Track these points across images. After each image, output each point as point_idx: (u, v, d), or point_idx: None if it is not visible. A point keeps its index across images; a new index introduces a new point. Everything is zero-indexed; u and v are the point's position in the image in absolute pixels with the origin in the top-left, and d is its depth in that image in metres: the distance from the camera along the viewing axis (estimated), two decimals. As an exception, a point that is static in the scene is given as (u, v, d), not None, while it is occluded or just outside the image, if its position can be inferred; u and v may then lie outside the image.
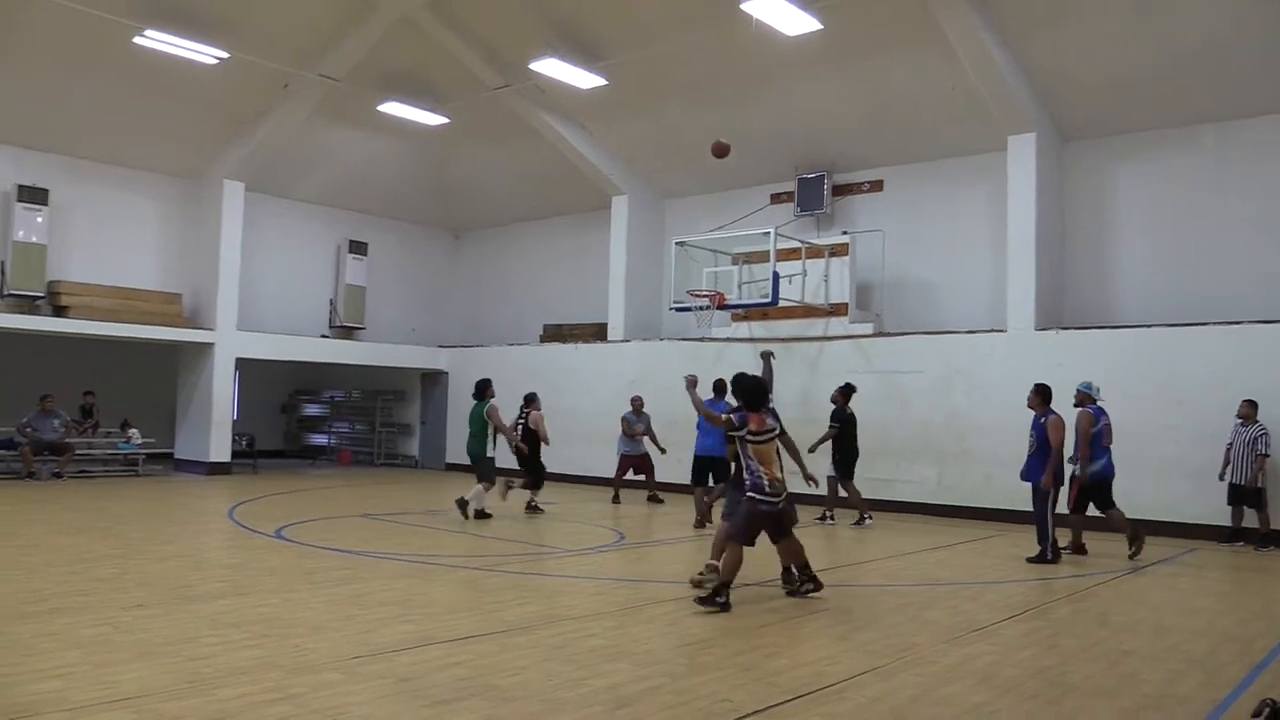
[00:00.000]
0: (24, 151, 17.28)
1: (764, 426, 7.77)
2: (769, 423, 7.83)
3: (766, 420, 7.82)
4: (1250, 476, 11.57)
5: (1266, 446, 11.56)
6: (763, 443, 7.72)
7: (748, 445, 7.71)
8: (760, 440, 7.71)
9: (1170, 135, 14.31)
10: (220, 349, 18.70)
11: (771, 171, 17.82)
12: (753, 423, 7.75)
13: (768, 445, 7.75)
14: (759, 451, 7.70)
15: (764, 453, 7.71)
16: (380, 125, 18.99)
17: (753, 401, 7.85)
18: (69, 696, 4.76)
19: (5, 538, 10.19)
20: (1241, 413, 11.77)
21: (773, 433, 7.83)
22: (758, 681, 5.44)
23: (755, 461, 7.67)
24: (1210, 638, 6.94)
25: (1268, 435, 11.59)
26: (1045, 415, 10.36)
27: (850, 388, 13.72)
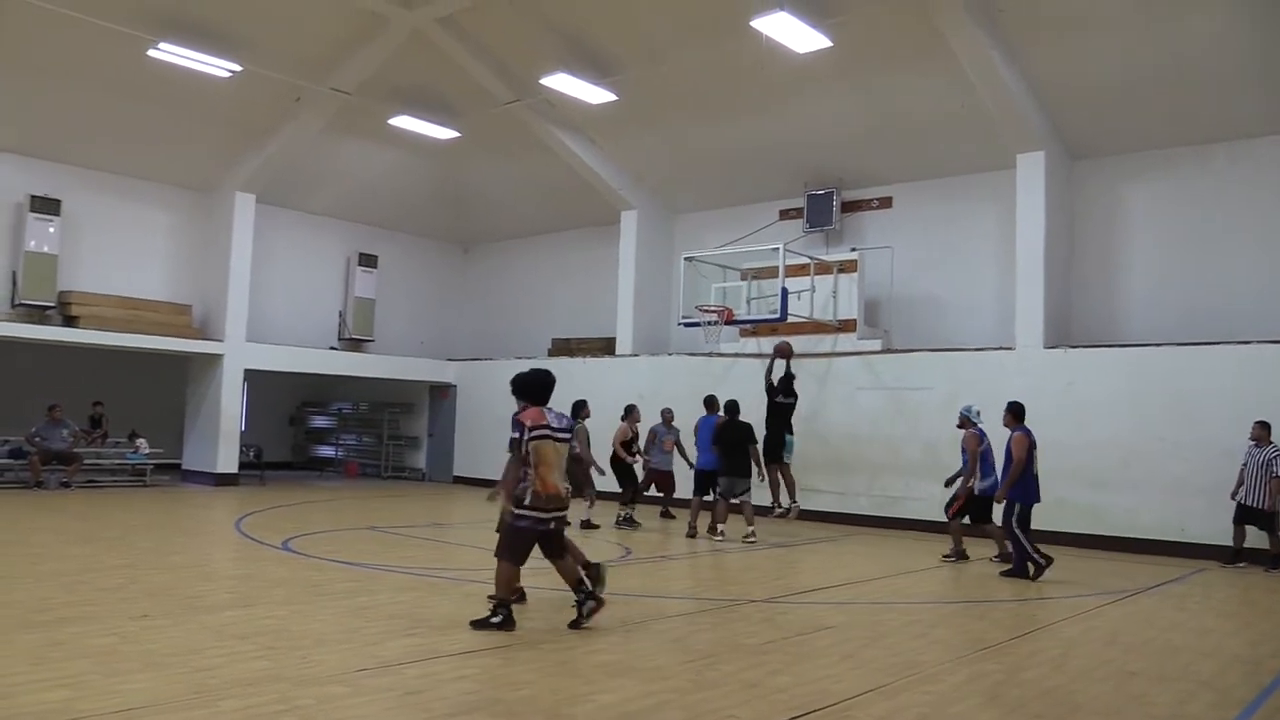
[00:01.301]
0: (37, 162, 17.41)
1: (542, 422, 6.98)
2: (551, 420, 7.04)
3: (548, 418, 7.05)
4: (1266, 500, 11.44)
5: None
6: (539, 438, 6.92)
7: (525, 446, 6.91)
8: (542, 436, 6.93)
9: (1180, 154, 14.32)
10: (229, 360, 18.77)
11: (780, 187, 17.86)
12: (527, 417, 7.01)
13: (546, 445, 6.94)
14: (537, 450, 6.89)
15: (543, 453, 6.91)
16: (391, 139, 19.09)
17: (532, 395, 7.20)
18: (76, 706, 4.77)
19: (13, 546, 10.21)
20: (1254, 434, 11.69)
21: (553, 430, 7.01)
22: (762, 699, 5.42)
23: (532, 467, 6.88)
24: (1219, 659, 6.90)
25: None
26: (1013, 432, 10.43)
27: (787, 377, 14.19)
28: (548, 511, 6.94)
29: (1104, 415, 13.39)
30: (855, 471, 15.42)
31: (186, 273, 19.43)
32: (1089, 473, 13.42)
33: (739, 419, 13.12)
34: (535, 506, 6.89)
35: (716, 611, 8.09)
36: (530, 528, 6.92)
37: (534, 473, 6.87)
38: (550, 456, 6.93)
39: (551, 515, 6.98)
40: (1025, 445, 10.20)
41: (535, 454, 6.89)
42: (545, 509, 6.92)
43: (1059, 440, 13.60)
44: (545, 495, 6.89)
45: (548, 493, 6.89)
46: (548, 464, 6.91)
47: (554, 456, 6.96)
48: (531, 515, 6.90)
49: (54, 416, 17.15)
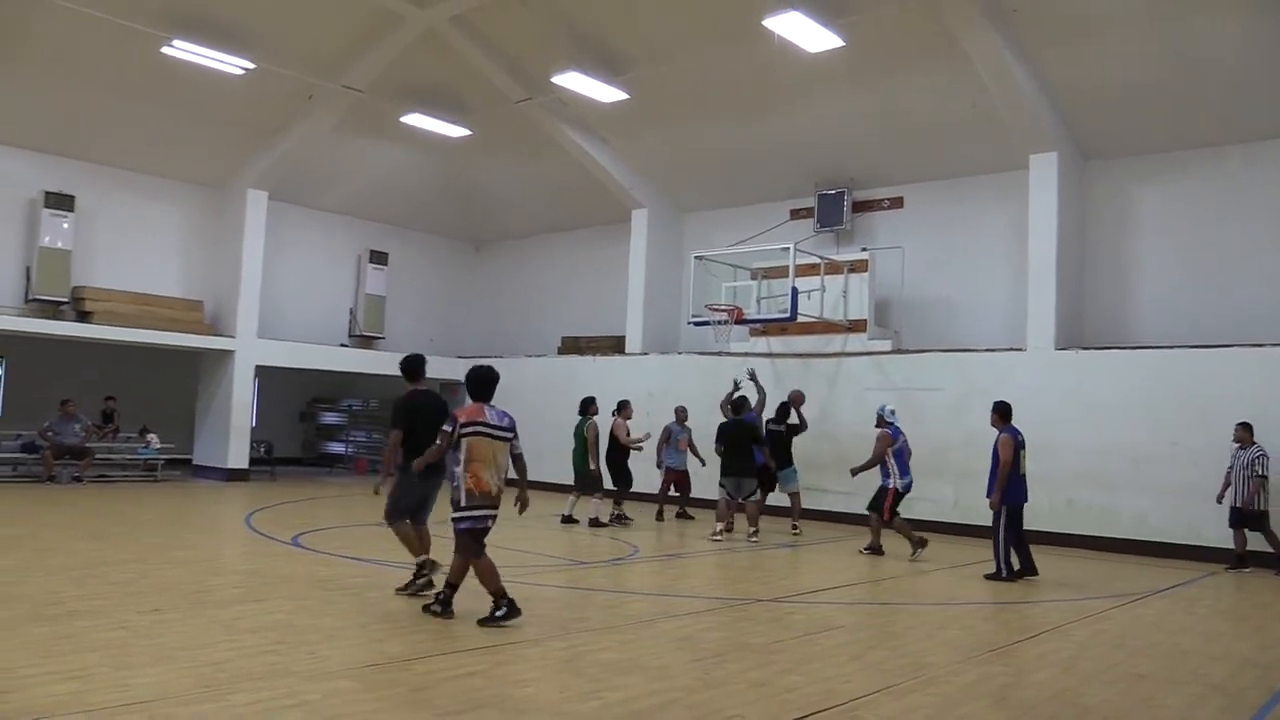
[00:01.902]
0: (51, 158, 17.49)
1: (477, 418, 6.92)
2: (489, 417, 6.97)
3: (486, 414, 6.98)
4: (1247, 498, 11.51)
5: (1265, 468, 11.48)
6: (472, 435, 6.86)
7: (461, 442, 6.86)
8: (471, 433, 6.86)
9: (1193, 155, 14.24)
10: (240, 356, 18.84)
11: (791, 187, 17.84)
12: (463, 413, 6.95)
13: (480, 442, 6.87)
14: (470, 446, 6.84)
15: (476, 449, 6.85)
16: (403, 137, 19.12)
17: (474, 391, 7.13)
18: (86, 699, 4.80)
19: (25, 540, 10.27)
20: (1237, 436, 11.76)
21: (488, 427, 6.93)
22: (770, 698, 5.42)
23: (465, 464, 6.84)
24: (1230, 662, 6.86)
25: (1266, 457, 11.52)
26: (1000, 433, 10.34)
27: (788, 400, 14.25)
28: (484, 509, 6.90)
29: (1115, 417, 13.33)
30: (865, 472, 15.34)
31: (198, 269, 19.51)
32: (1099, 475, 13.37)
33: (743, 419, 13.19)
34: (471, 505, 6.85)
35: (724, 611, 8.09)
36: (474, 526, 6.91)
37: (466, 470, 6.84)
38: (483, 453, 6.88)
39: (489, 513, 6.95)
40: (1012, 447, 10.12)
41: (468, 450, 6.85)
42: (480, 506, 6.88)
43: (1069, 442, 13.59)
44: (479, 493, 6.85)
45: (481, 490, 6.85)
46: (480, 460, 6.86)
47: (487, 453, 6.90)
48: (470, 515, 6.87)
49: (66, 411, 17.24)
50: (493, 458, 6.92)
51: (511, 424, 7.15)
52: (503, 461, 7.02)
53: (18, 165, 17.15)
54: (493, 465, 6.91)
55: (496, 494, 6.96)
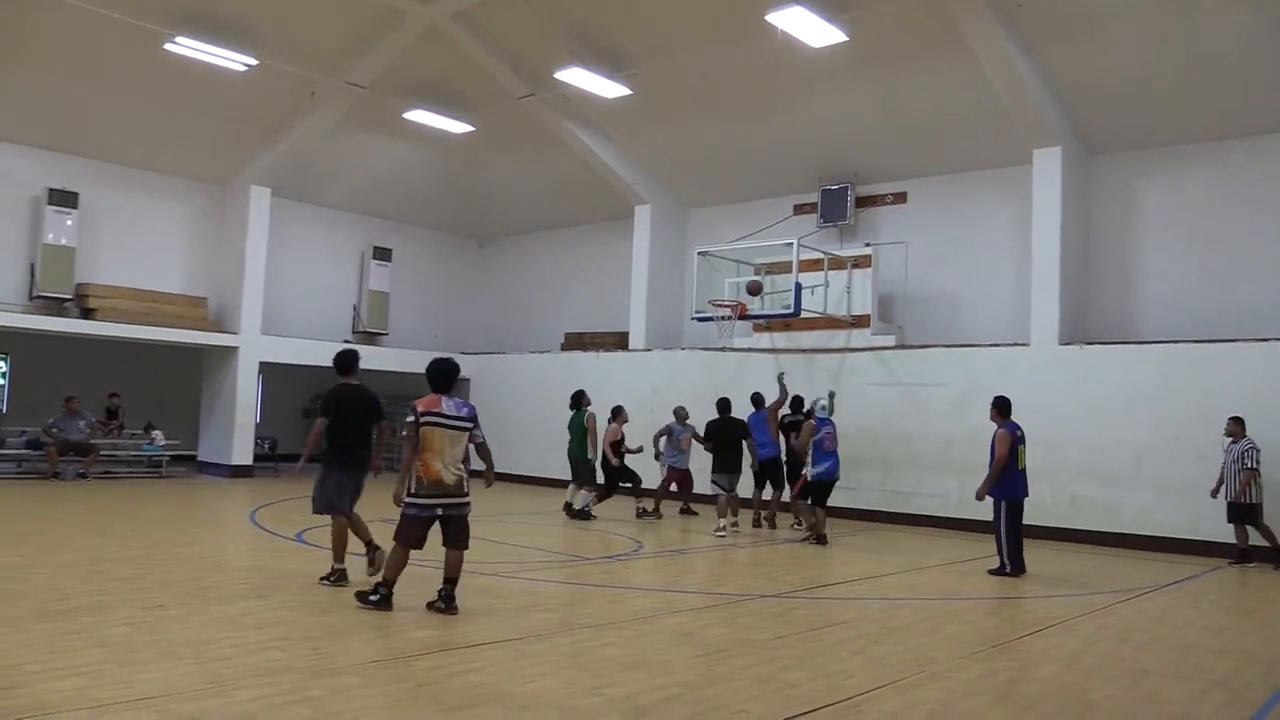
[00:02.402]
0: (55, 155, 17.50)
1: (434, 408, 7.04)
2: (447, 407, 7.09)
3: (443, 404, 7.09)
4: (1238, 492, 11.51)
5: (1255, 461, 11.48)
6: (427, 425, 6.97)
7: (416, 432, 6.98)
8: (429, 423, 6.98)
9: (1197, 149, 14.20)
10: (244, 352, 18.86)
11: (795, 182, 17.82)
12: (421, 404, 7.06)
13: (434, 432, 6.99)
14: (424, 436, 6.96)
15: (430, 439, 6.97)
16: (406, 133, 19.12)
17: (433, 383, 7.25)
18: (91, 695, 4.81)
19: (30, 537, 10.30)
20: (1229, 430, 11.74)
21: (445, 418, 7.04)
22: (774, 693, 5.42)
23: (420, 454, 6.96)
24: (1234, 657, 6.86)
25: (1256, 450, 11.53)
26: (998, 428, 10.38)
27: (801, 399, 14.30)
28: (432, 498, 7.00)
29: (1119, 413, 13.32)
30: (867, 467, 15.37)
31: (202, 266, 19.53)
32: (1103, 470, 13.36)
33: (732, 416, 13.56)
34: (419, 494, 6.99)
35: (727, 606, 8.09)
36: (417, 515, 7.02)
37: (420, 458, 6.98)
38: (436, 443, 7.00)
39: (438, 502, 7.03)
40: (1008, 442, 10.13)
41: (423, 440, 6.99)
42: (429, 495, 6.99)
43: (1073, 437, 13.58)
44: (427, 482, 6.97)
45: (429, 479, 6.97)
46: (432, 450, 6.98)
47: (440, 443, 7.01)
48: (417, 503, 6.99)
49: (71, 408, 17.27)
50: (446, 448, 7.04)
51: (471, 414, 7.27)
52: (458, 451, 7.14)
53: (21, 162, 17.17)
54: (445, 455, 7.03)
55: (452, 483, 7.06)
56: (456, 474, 7.10)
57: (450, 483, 7.05)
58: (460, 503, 7.16)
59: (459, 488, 7.12)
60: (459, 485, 7.12)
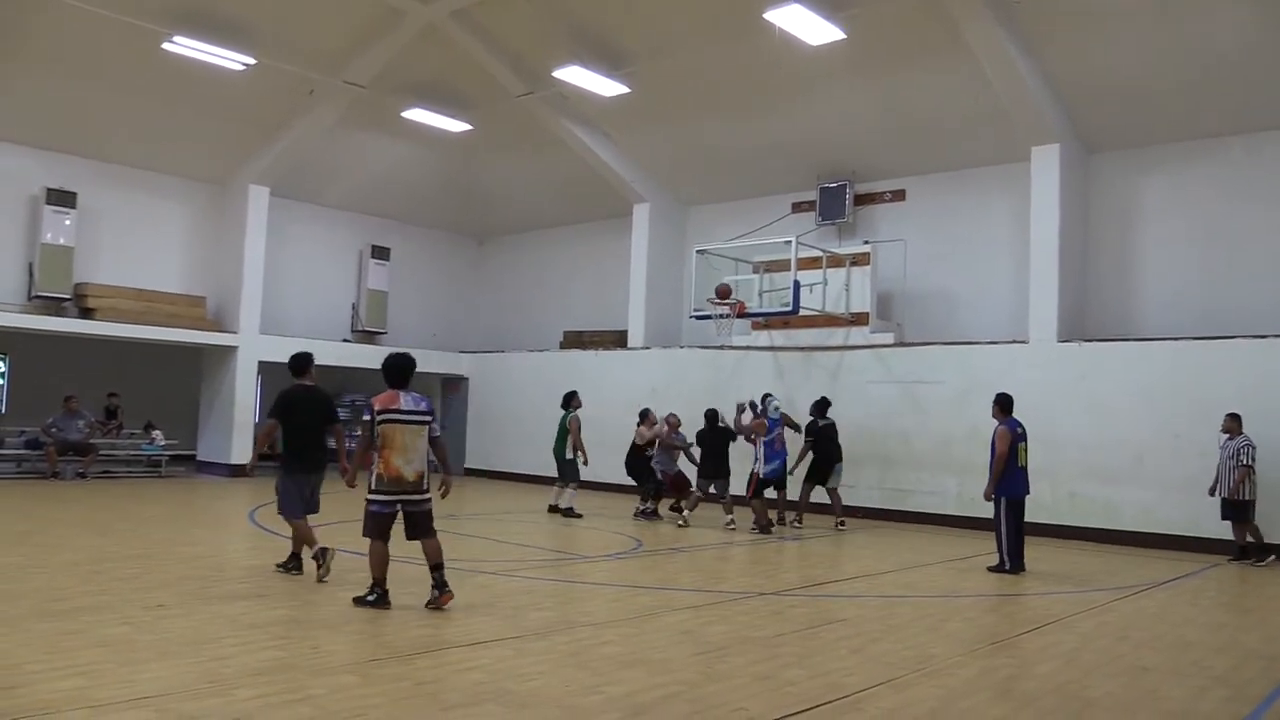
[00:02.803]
0: (53, 155, 17.49)
1: (392, 405, 7.13)
2: (404, 403, 7.16)
3: (401, 400, 7.17)
4: (1233, 488, 11.49)
5: (1250, 458, 11.46)
6: (386, 422, 7.06)
7: (373, 430, 7.08)
8: (387, 419, 7.07)
9: (1196, 147, 14.20)
10: (243, 352, 18.86)
11: (793, 180, 17.81)
12: (379, 401, 7.16)
13: (393, 428, 7.06)
14: (383, 433, 7.05)
15: (389, 435, 7.05)
16: (404, 132, 19.11)
17: (390, 379, 7.29)
18: (91, 694, 4.81)
19: (30, 536, 10.30)
20: (1225, 426, 11.74)
21: (403, 414, 7.13)
22: (773, 691, 5.43)
23: (380, 450, 7.06)
24: (1233, 654, 6.86)
25: (1252, 448, 11.50)
26: (998, 425, 10.39)
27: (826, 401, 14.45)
28: (392, 494, 7.08)
29: (1118, 410, 13.32)
30: (866, 465, 15.39)
31: (201, 265, 19.52)
32: (1102, 468, 13.36)
33: (719, 425, 13.88)
34: (379, 490, 7.08)
35: (726, 604, 8.10)
36: (380, 510, 7.12)
37: (380, 455, 7.06)
38: (396, 440, 7.07)
39: (398, 498, 7.11)
40: (1008, 439, 10.13)
41: (382, 437, 7.08)
42: (389, 491, 7.07)
43: (1072, 435, 13.59)
44: (388, 478, 7.06)
45: (389, 475, 7.05)
46: (391, 447, 7.06)
47: (400, 439, 7.08)
48: (378, 499, 7.09)
49: (70, 408, 17.26)
50: (406, 444, 7.11)
51: (429, 408, 7.36)
52: (420, 446, 7.20)
53: (20, 162, 17.16)
54: (406, 451, 7.09)
55: (414, 479, 7.14)
56: (417, 471, 7.17)
57: (410, 479, 7.13)
58: (420, 499, 7.23)
59: (419, 484, 7.19)
60: (419, 482, 7.19)
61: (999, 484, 10.17)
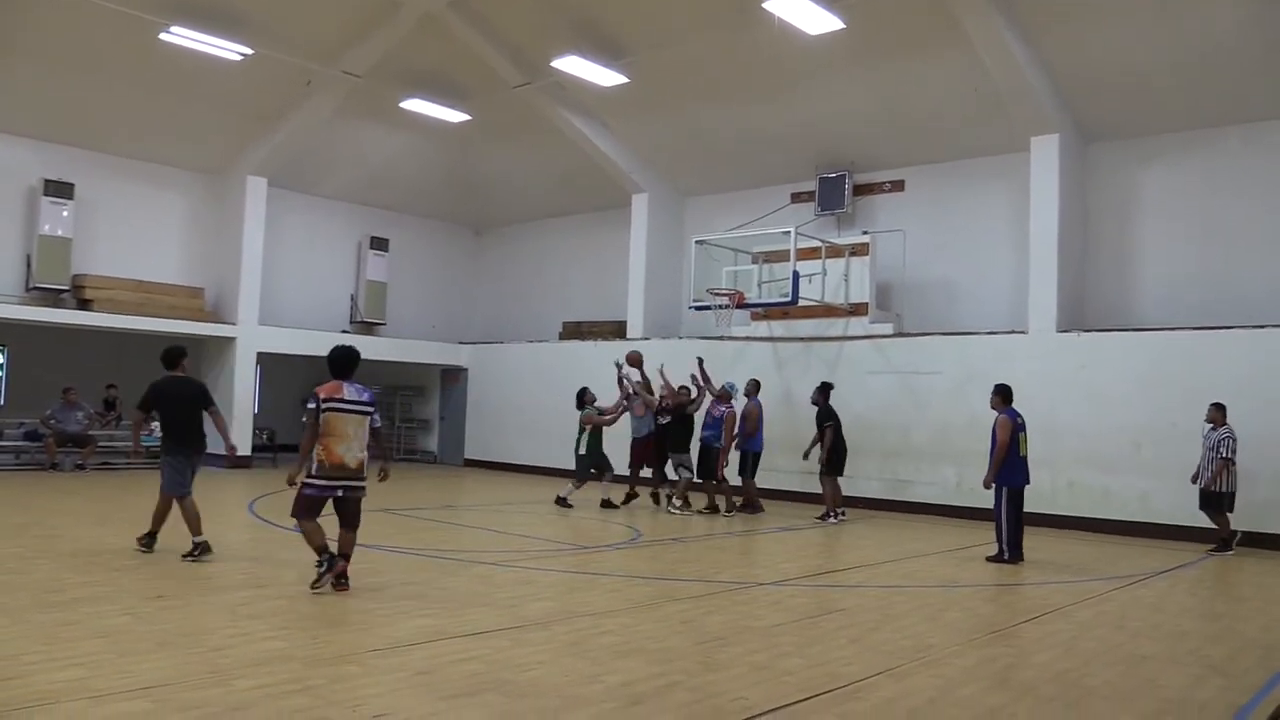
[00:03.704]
0: (50, 146, 17.45)
1: (336, 394, 7.36)
2: (348, 393, 7.41)
3: (344, 390, 7.41)
4: (1211, 479, 11.44)
5: (1230, 450, 11.37)
6: (329, 410, 7.29)
7: (317, 418, 7.30)
8: (331, 408, 7.30)
9: (1195, 137, 14.18)
10: (242, 343, 18.84)
11: (792, 171, 17.79)
12: (323, 390, 7.39)
13: (335, 417, 7.29)
14: (326, 421, 7.27)
15: (331, 423, 7.27)
16: (402, 122, 19.07)
17: (334, 370, 7.55)
18: (90, 685, 4.82)
19: (29, 528, 10.31)
20: (1210, 417, 11.67)
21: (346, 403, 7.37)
22: (772, 680, 5.44)
23: (322, 438, 7.27)
24: (1231, 643, 6.88)
25: (1233, 439, 11.41)
26: (999, 414, 10.33)
27: (829, 385, 14.15)
28: (332, 480, 7.30)
29: (1117, 400, 13.33)
30: (865, 455, 15.40)
31: (199, 256, 19.49)
32: (1101, 457, 13.37)
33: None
34: (319, 475, 7.29)
35: (725, 594, 8.11)
36: (315, 494, 7.33)
37: (321, 442, 7.28)
38: (338, 428, 7.30)
39: (338, 483, 7.34)
40: (1009, 428, 10.11)
41: (325, 425, 7.30)
42: (330, 477, 7.29)
43: (1071, 424, 13.60)
44: (329, 465, 7.26)
45: (331, 462, 7.26)
46: (334, 435, 7.28)
47: (343, 428, 7.30)
48: (316, 483, 7.30)
49: (69, 399, 17.26)
50: (349, 432, 7.34)
51: (372, 399, 7.62)
52: (362, 435, 7.42)
53: (17, 153, 17.11)
54: (348, 439, 7.32)
55: (354, 467, 7.36)
56: (358, 459, 7.39)
57: (352, 466, 7.36)
58: (358, 485, 7.46)
59: (359, 471, 7.42)
60: (360, 469, 7.42)
61: (999, 473, 10.18)
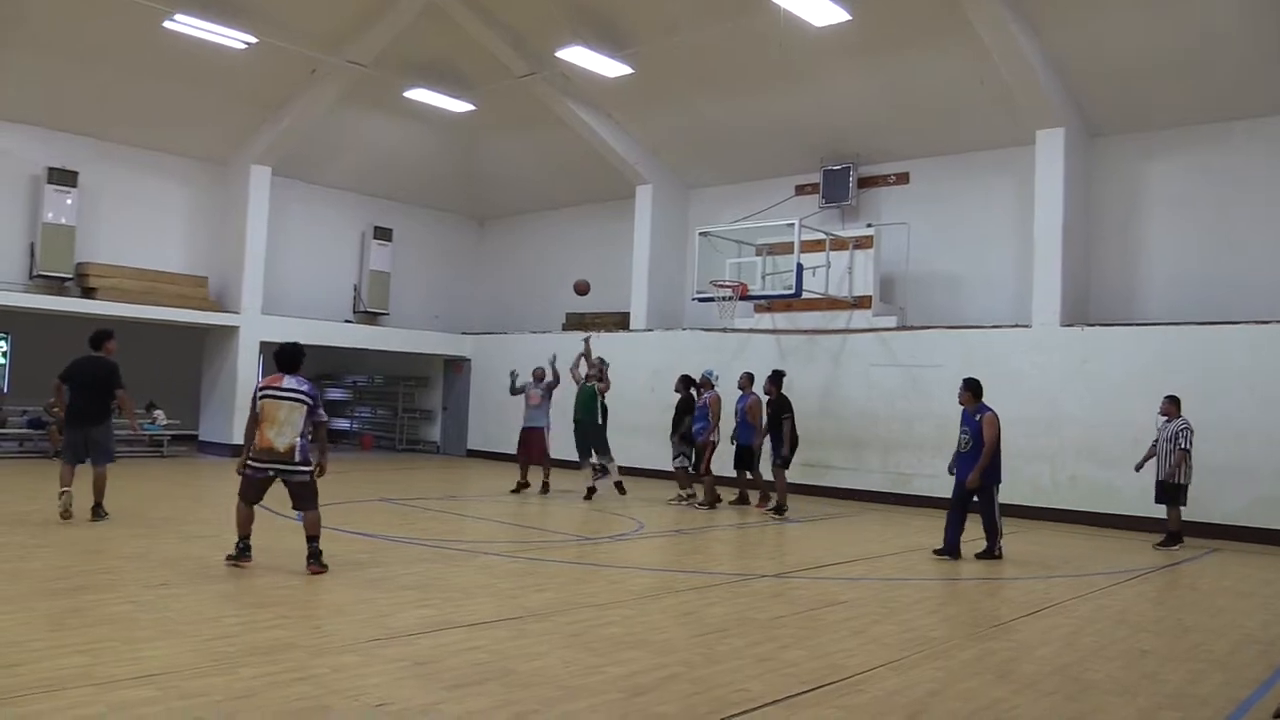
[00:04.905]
0: (54, 134, 17.44)
1: (275, 384, 7.86)
2: (285, 383, 7.86)
3: (282, 380, 7.88)
4: (1169, 472, 11.34)
5: (1188, 442, 11.30)
6: (263, 398, 7.77)
7: (255, 406, 7.82)
8: (265, 395, 7.78)
9: (1200, 131, 14.14)
10: (245, 332, 18.86)
11: (797, 163, 17.76)
12: (264, 380, 7.97)
13: (269, 403, 7.75)
14: (263, 408, 7.76)
15: (264, 409, 7.76)
16: (407, 112, 19.05)
17: (278, 364, 8.04)
18: (95, 672, 4.84)
19: (33, 515, 10.32)
20: (1164, 409, 11.58)
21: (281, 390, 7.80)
22: (774, 672, 5.45)
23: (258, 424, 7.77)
24: (1232, 638, 6.89)
25: (1190, 431, 11.35)
26: (979, 411, 10.01)
27: (781, 374, 13.72)
28: (263, 462, 7.74)
29: (1120, 394, 13.32)
30: (869, 448, 15.41)
31: (203, 245, 19.50)
32: (1104, 451, 13.37)
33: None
34: (254, 457, 7.78)
35: (728, 586, 8.12)
36: (251, 475, 7.81)
37: (258, 428, 7.76)
38: (269, 413, 7.74)
39: (269, 465, 7.74)
40: (997, 425, 9.84)
41: (260, 411, 7.78)
42: (261, 460, 7.75)
43: (1074, 418, 13.61)
44: (260, 448, 7.76)
45: (262, 445, 7.74)
46: (265, 420, 7.75)
47: (273, 413, 7.73)
48: (252, 465, 7.79)
49: (72, 387, 17.25)
50: (279, 418, 7.72)
51: (311, 391, 7.97)
52: (294, 421, 7.75)
53: (20, 141, 17.11)
54: (277, 424, 7.72)
55: (283, 450, 7.72)
56: (288, 444, 7.71)
57: (281, 450, 7.70)
58: (293, 469, 7.78)
59: (291, 456, 7.73)
60: (291, 453, 7.72)
61: (991, 471, 9.96)
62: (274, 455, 7.71)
